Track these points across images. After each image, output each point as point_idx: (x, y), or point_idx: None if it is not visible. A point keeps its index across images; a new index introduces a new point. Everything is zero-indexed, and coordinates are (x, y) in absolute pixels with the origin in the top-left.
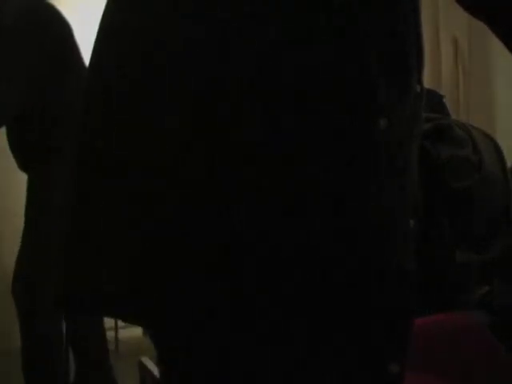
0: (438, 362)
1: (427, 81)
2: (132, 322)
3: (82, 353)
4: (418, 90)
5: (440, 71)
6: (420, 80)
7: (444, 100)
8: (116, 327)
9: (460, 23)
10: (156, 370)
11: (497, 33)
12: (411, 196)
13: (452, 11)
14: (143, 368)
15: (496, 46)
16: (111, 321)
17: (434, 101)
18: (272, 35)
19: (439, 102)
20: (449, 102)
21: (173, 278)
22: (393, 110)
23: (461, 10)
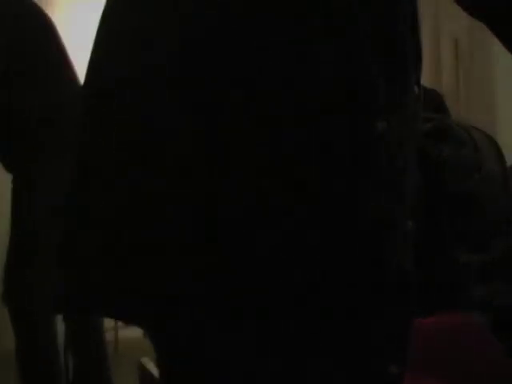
0: (437, 362)
1: (427, 81)
2: (132, 322)
3: (79, 353)
4: (417, 91)
5: (440, 71)
6: (418, 81)
7: (444, 100)
8: (116, 327)
9: (460, 23)
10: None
11: (496, 33)
12: (411, 196)
13: (452, 11)
14: (143, 368)
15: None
16: (111, 321)
17: (434, 101)
18: (272, 35)
19: (439, 102)
20: (449, 101)
21: (172, 278)
22: (392, 111)
23: (461, 10)
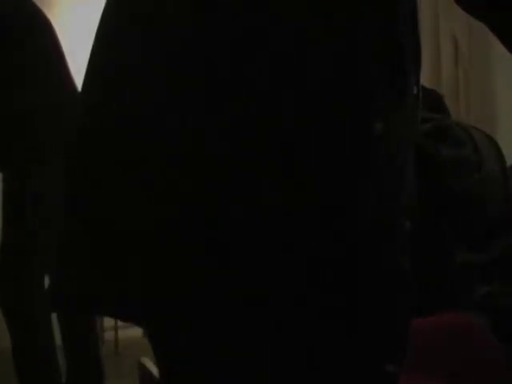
0: (437, 362)
1: (427, 81)
2: (132, 322)
3: (74, 353)
4: (415, 92)
5: (440, 71)
6: (417, 81)
7: (444, 100)
8: (116, 327)
9: (460, 23)
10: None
11: (496, 33)
12: (409, 196)
13: (452, 11)
14: (143, 368)
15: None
16: (111, 320)
17: (434, 101)
18: (272, 36)
19: (439, 102)
20: (449, 101)
21: (172, 278)
22: (392, 111)
23: (461, 10)
